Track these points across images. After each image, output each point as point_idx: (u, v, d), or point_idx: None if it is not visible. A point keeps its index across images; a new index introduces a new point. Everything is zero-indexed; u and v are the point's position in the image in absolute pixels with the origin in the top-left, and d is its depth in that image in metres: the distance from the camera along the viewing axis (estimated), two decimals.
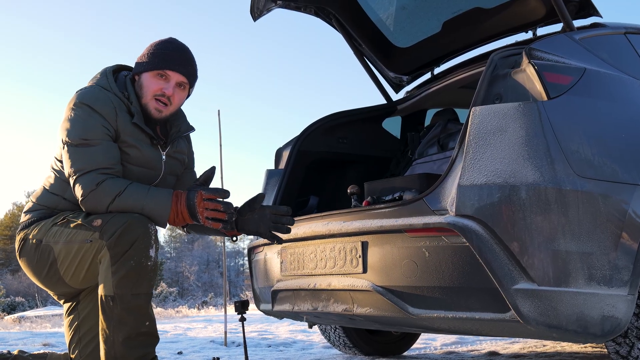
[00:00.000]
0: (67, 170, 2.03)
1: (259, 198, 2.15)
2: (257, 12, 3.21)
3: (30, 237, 2.08)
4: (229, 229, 2.08)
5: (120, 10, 77.13)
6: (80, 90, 2.10)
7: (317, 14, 3.35)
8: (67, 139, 2.01)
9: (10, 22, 70.66)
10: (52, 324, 10.86)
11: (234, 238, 2.24)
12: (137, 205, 1.97)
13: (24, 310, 21.86)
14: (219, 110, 5.08)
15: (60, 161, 2.12)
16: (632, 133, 2.05)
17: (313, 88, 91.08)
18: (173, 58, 2.13)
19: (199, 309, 18.33)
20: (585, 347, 3.59)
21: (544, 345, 3.79)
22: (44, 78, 75.52)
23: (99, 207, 1.98)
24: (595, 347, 3.52)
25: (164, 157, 2.22)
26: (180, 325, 7.55)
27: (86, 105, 2.03)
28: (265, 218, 2.11)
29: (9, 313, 20.59)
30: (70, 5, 73.87)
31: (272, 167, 3.21)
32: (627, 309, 1.87)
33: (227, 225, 2.03)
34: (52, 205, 2.13)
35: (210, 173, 2.11)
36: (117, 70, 2.22)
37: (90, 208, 1.99)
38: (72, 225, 2.01)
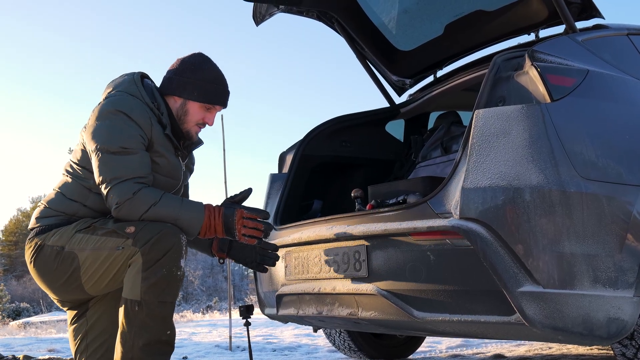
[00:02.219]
0: (99, 177, 2.01)
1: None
2: (259, 17, 3.22)
3: (50, 243, 2.04)
4: (260, 245, 2.26)
5: (123, 13, 77.40)
6: (111, 97, 2.09)
7: (319, 18, 3.35)
8: (103, 146, 2.01)
9: (13, 25, 71.00)
10: (57, 330, 10.87)
11: (221, 260, 2.36)
12: (171, 216, 2.00)
13: (29, 316, 21.91)
14: (222, 115, 5.08)
15: (83, 167, 2.11)
16: (636, 134, 2.04)
17: (316, 92, 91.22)
18: (224, 94, 2.25)
19: (203, 313, 18.33)
20: (592, 349, 3.58)
21: (550, 348, 3.78)
22: (47, 82, 75.77)
23: (133, 215, 1.99)
24: (602, 349, 3.50)
25: (183, 167, 2.28)
26: (185, 329, 7.55)
27: (123, 113, 2.03)
28: (254, 251, 2.31)
29: (14, 319, 20.63)
30: (74, 8, 74.14)
31: (276, 171, 3.22)
32: (633, 311, 1.86)
33: (260, 242, 2.20)
34: (71, 212, 2.10)
35: (247, 193, 2.22)
36: (142, 77, 2.24)
37: (124, 216, 2.00)
38: (100, 232, 2.00)
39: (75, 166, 2.13)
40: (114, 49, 76.03)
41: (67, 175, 2.15)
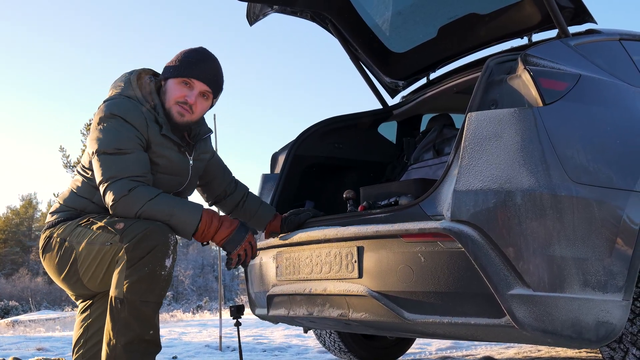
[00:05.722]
0: (98, 177, 2.06)
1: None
2: (253, 17, 3.22)
3: (55, 235, 2.12)
4: (228, 267, 2.25)
5: (115, 15, 77.14)
6: (108, 100, 2.14)
7: (313, 19, 3.35)
8: (100, 148, 2.06)
9: (5, 27, 70.49)
10: (46, 328, 10.80)
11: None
12: (166, 213, 2.01)
13: (17, 314, 21.74)
14: (214, 115, 5.09)
15: (89, 169, 2.17)
16: (627, 139, 2.05)
17: (309, 93, 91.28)
18: (199, 67, 2.20)
19: (193, 313, 18.26)
20: (580, 352, 3.60)
21: (539, 350, 3.79)
22: (37, 83, 75.42)
23: (129, 212, 2.01)
24: (590, 352, 3.52)
25: (191, 162, 2.29)
26: (175, 329, 7.52)
27: (118, 116, 2.07)
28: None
29: (2, 317, 20.47)
30: (68, 12, 73.84)
31: (268, 171, 3.21)
32: (621, 314, 1.87)
33: (230, 266, 2.22)
34: (79, 207, 2.18)
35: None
36: (141, 76, 2.26)
37: (120, 213, 2.03)
38: (95, 227, 2.04)
39: (84, 168, 2.21)
40: (105, 49, 75.72)
41: (79, 175, 2.22)
